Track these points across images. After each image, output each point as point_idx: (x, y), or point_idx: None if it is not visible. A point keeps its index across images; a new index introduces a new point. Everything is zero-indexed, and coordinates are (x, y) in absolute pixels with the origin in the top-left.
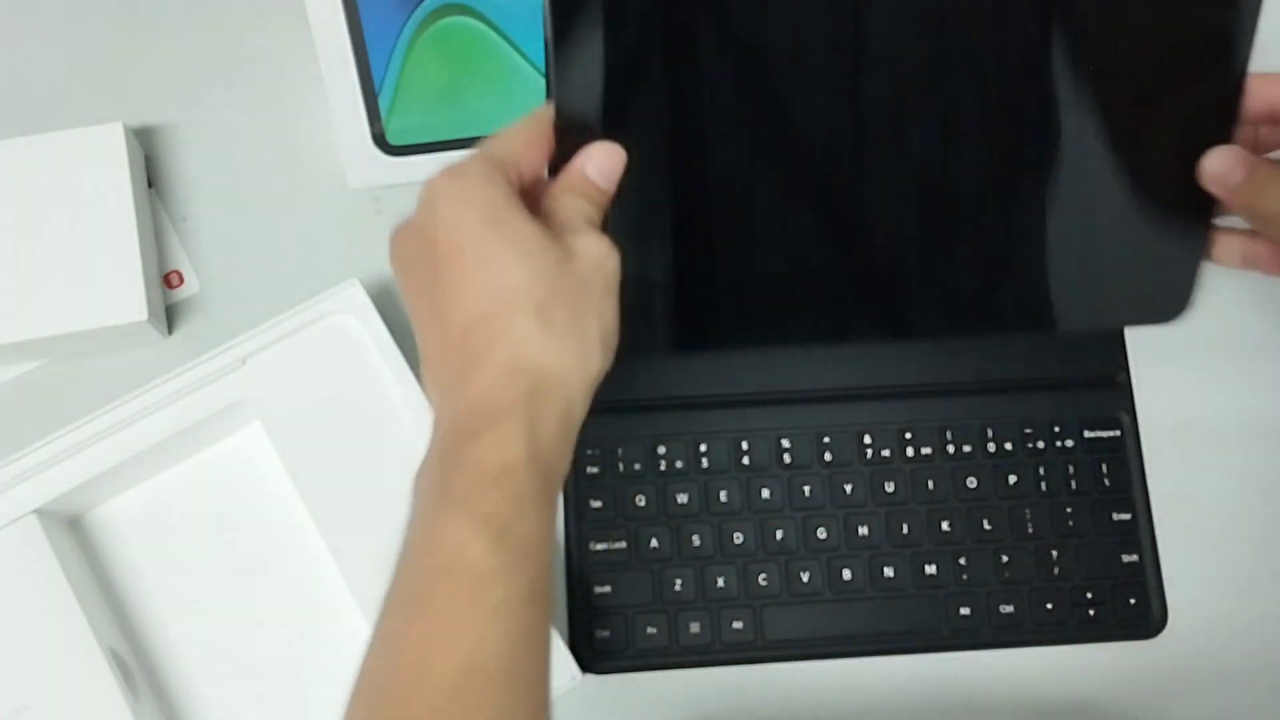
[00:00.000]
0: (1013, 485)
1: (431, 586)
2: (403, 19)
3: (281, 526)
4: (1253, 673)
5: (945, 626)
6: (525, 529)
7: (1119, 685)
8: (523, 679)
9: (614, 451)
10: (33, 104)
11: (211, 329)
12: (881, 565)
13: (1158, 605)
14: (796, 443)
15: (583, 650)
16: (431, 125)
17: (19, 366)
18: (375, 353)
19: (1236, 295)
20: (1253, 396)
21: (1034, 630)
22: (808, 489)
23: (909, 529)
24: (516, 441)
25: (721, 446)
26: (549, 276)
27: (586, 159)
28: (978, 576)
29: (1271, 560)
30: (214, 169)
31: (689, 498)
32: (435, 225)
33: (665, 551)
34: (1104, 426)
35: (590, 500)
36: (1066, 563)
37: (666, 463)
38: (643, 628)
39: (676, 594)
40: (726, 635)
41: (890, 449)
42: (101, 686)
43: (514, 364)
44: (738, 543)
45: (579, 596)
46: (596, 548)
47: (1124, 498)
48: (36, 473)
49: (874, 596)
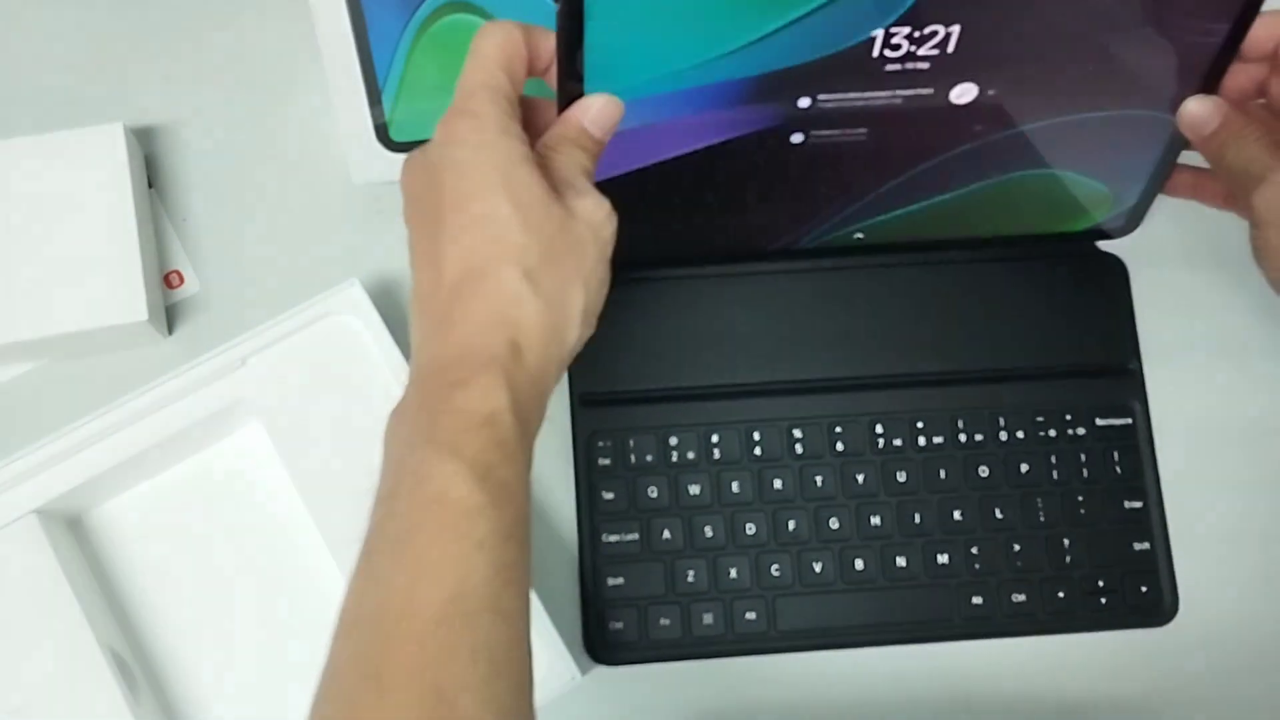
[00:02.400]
0: (1024, 474)
1: (419, 522)
2: (406, 16)
3: (281, 526)
4: (1265, 659)
5: (958, 616)
6: (507, 473)
7: (1131, 673)
8: (504, 612)
9: (625, 443)
10: (33, 104)
11: (211, 329)
12: (894, 555)
13: (1169, 593)
14: (808, 433)
15: (596, 642)
16: (435, 122)
17: (19, 366)
18: (375, 353)
19: (1241, 294)
20: (1265, 386)
21: (1046, 619)
22: (819, 479)
23: (921, 518)
24: (499, 392)
25: (733, 437)
26: (546, 240)
27: (584, 109)
28: (990, 565)
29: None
30: (214, 169)
31: (701, 489)
32: (445, 166)
33: (677, 543)
34: (1115, 414)
35: (602, 492)
36: (1078, 551)
37: (678, 454)
38: (656, 619)
39: (689, 585)
40: (739, 626)
41: (902, 438)
42: (101, 686)
43: (499, 318)
44: (750, 533)
45: (592, 589)
46: (609, 539)
47: (1135, 486)
48: (36, 473)
49: (886, 586)
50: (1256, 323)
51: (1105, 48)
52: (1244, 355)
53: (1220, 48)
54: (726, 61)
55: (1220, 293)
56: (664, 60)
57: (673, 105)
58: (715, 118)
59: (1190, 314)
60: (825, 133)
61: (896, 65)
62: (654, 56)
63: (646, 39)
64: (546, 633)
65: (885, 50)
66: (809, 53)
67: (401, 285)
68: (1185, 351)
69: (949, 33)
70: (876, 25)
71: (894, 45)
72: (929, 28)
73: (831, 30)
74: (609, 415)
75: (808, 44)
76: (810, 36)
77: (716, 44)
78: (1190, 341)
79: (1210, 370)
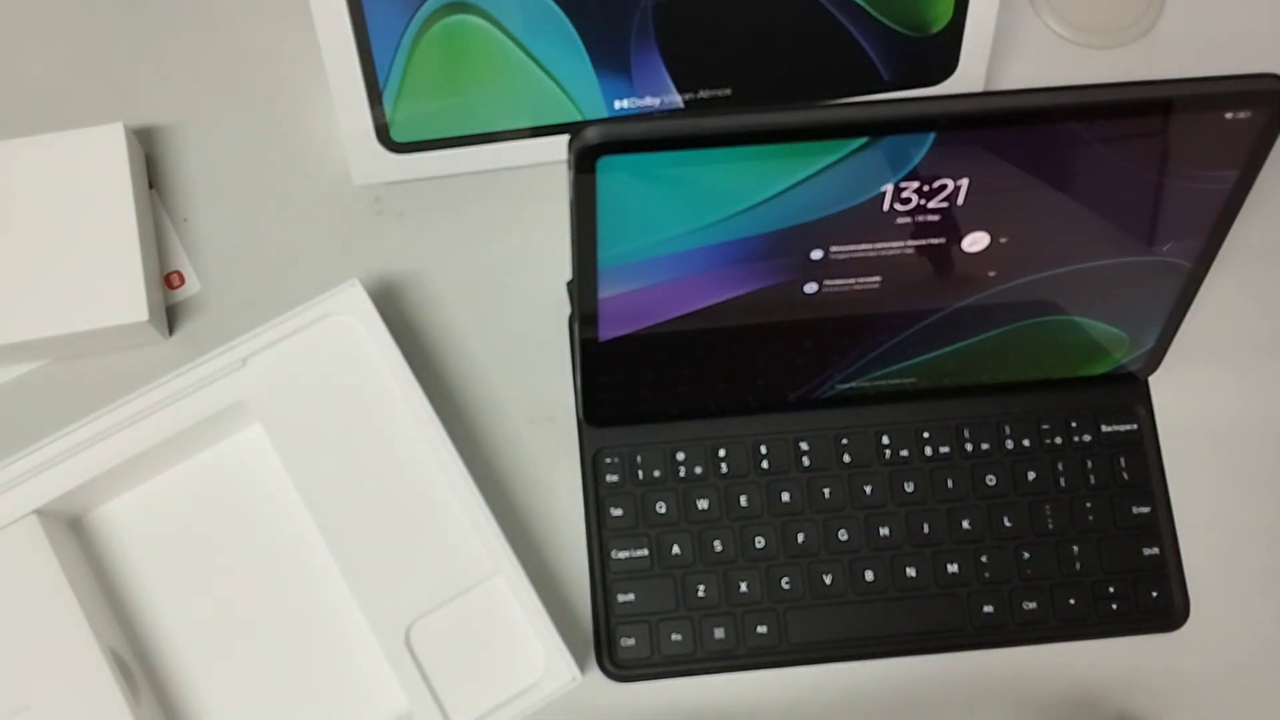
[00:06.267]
0: (1032, 482)
1: None
2: (407, 17)
3: (281, 526)
4: (1277, 662)
5: (969, 625)
6: None
7: (1143, 678)
8: None
9: (633, 459)
10: (33, 104)
11: (212, 329)
12: (903, 565)
13: (1179, 598)
14: (815, 445)
15: (608, 659)
16: (436, 123)
17: (19, 366)
18: (375, 353)
19: (1246, 296)
20: (1271, 389)
21: (1057, 626)
22: (827, 491)
23: (929, 528)
24: None
25: (740, 451)
26: None
27: None
28: (1000, 574)
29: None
30: (214, 169)
31: (709, 503)
32: None
33: (687, 557)
34: (1121, 420)
35: (611, 508)
36: (1087, 557)
37: (686, 469)
38: (667, 634)
39: (700, 600)
40: (751, 639)
41: (908, 449)
42: (101, 686)
43: None
44: (759, 546)
45: (602, 605)
46: (619, 556)
47: (1143, 491)
48: (36, 473)
49: (897, 597)
50: (1262, 325)
51: (1115, 196)
52: (1250, 358)
53: (1230, 193)
54: (739, 220)
55: (1225, 295)
56: (676, 222)
57: (686, 263)
58: (729, 273)
59: (1195, 317)
60: (839, 282)
61: (907, 218)
62: (666, 219)
63: (659, 204)
64: (547, 633)
65: (895, 204)
66: (820, 210)
67: (402, 285)
68: (1190, 355)
69: (958, 185)
70: (886, 181)
71: (904, 199)
72: (938, 181)
73: (842, 187)
74: (616, 432)
75: (819, 201)
76: (821, 194)
77: (728, 205)
78: (1195, 345)
79: (1216, 374)
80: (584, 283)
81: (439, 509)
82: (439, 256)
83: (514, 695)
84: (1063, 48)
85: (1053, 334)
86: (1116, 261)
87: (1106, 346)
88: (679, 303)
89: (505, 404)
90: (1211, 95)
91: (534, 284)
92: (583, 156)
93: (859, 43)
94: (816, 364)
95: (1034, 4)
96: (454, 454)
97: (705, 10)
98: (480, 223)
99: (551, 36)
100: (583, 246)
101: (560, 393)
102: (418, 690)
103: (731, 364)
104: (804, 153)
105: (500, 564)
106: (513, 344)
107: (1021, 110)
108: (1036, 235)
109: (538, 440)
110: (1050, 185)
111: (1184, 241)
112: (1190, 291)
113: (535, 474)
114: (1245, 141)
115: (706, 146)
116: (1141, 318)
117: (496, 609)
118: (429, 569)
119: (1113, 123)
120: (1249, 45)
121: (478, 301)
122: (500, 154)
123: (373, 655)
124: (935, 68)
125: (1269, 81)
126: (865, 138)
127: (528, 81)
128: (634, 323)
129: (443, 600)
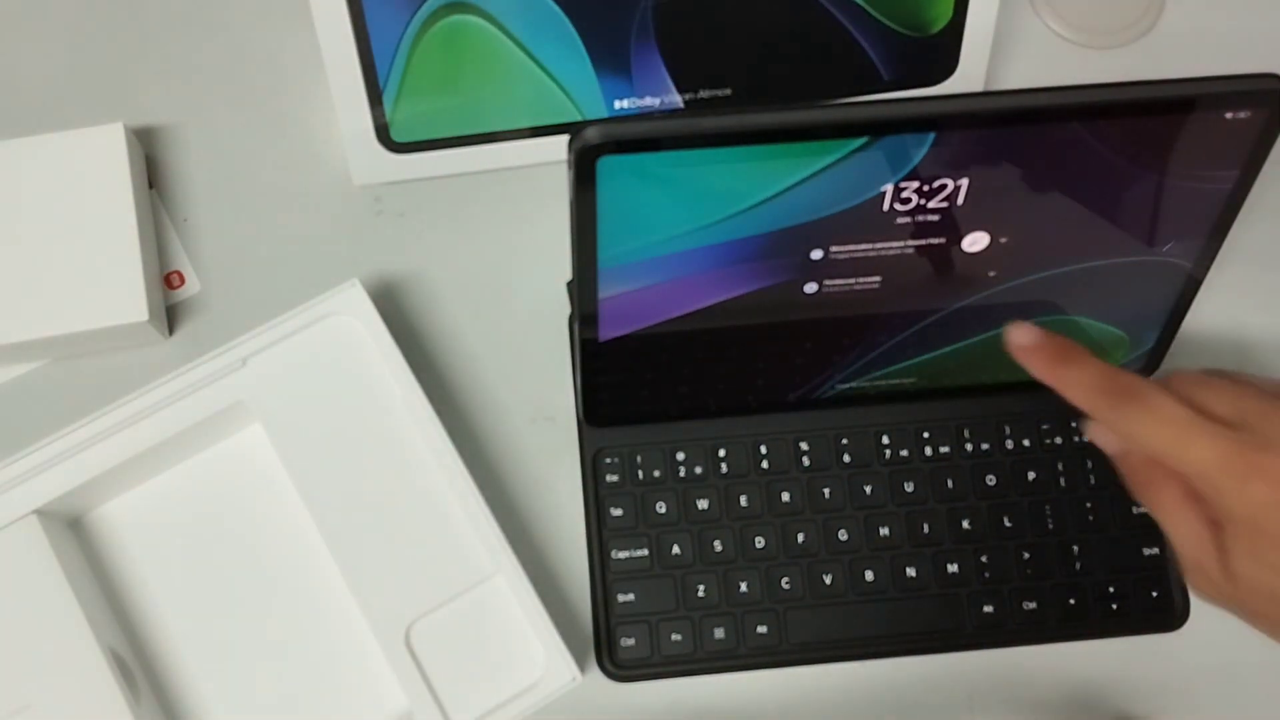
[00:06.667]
0: (1032, 481)
1: None
2: (407, 17)
3: (281, 526)
4: (1276, 663)
5: (969, 625)
6: None
7: (1143, 678)
8: None
9: (633, 459)
10: (33, 104)
11: (212, 329)
12: (903, 565)
13: (1180, 598)
14: (815, 445)
15: (608, 659)
16: (436, 123)
17: (19, 366)
18: (375, 353)
19: (1246, 295)
20: None
21: (1057, 625)
22: (827, 491)
23: (929, 528)
24: None
25: (740, 451)
26: None
27: None
28: (1000, 574)
29: None
30: (214, 169)
31: (709, 503)
32: None
33: (687, 558)
34: None
35: (610, 509)
36: (1088, 557)
37: (685, 469)
38: (667, 635)
39: (700, 600)
40: (751, 640)
41: (908, 449)
42: (101, 686)
43: None
44: (759, 547)
45: (602, 606)
46: (618, 556)
47: None
48: (36, 473)
49: (897, 597)
50: (1262, 325)
51: (1115, 196)
52: (1248, 356)
53: (1230, 193)
54: (738, 220)
55: (1225, 295)
56: (676, 222)
57: (686, 263)
58: (729, 273)
59: (1194, 317)
60: (839, 282)
61: (907, 218)
62: (666, 219)
63: (658, 204)
64: (547, 633)
65: (895, 204)
66: (820, 210)
67: (402, 285)
68: (1190, 355)
69: (958, 185)
70: (886, 181)
71: (904, 199)
72: (938, 181)
73: (842, 187)
74: (616, 432)
75: (819, 201)
76: (821, 194)
77: (728, 205)
78: (1195, 345)
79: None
80: (584, 283)
81: (439, 509)
82: (439, 256)
83: (514, 695)
84: (1063, 48)
85: None
86: (1116, 261)
87: (1106, 347)
88: (679, 303)
89: (505, 404)
90: (1211, 95)
91: (534, 284)
92: (583, 156)
93: (859, 43)
94: (816, 364)
95: (1034, 4)
96: (454, 454)
97: (705, 10)
98: (480, 223)
99: (551, 36)
100: (583, 246)
101: (560, 393)
102: (418, 690)
103: (731, 364)
104: (804, 153)
105: (500, 564)
106: (513, 344)
107: (1021, 110)
108: (1036, 235)
109: (538, 440)
110: (1050, 185)
111: (1184, 241)
112: (1190, 291)
113: (535, 474)
114: (1245, 141)
115: (706, 146)
116: (1141, 318)
117: (496, 609)
118: (429, 569)
119: (1113, 123)
120: (1249, 45)
121: (478, 301)
122: (500, 154)
123: (373, 655)
124: (935, 68)
125: (1269, 81)
126: (865, 138)
127: (528, 81)
128: (634, 323)
129: (443, 600)
